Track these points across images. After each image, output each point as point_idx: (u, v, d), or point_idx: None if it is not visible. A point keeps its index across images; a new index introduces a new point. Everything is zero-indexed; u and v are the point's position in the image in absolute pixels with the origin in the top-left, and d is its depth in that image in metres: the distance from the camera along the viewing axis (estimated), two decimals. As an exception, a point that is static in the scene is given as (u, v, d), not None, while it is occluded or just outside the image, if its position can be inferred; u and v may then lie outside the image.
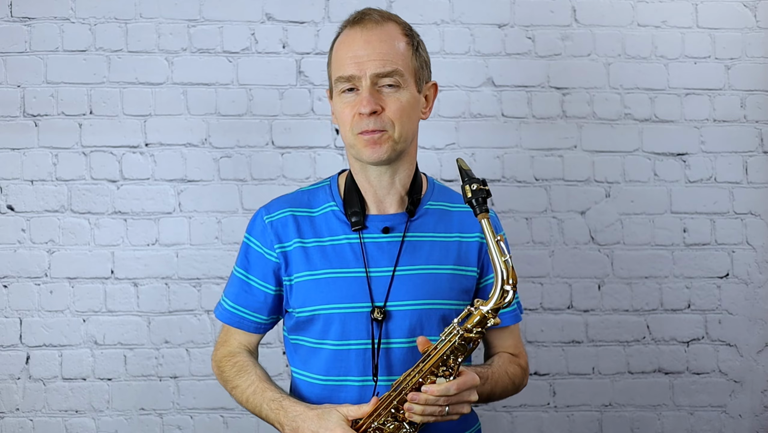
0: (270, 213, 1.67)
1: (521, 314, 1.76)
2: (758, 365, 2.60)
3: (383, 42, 1.56)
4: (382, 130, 1.54)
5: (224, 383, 1.70)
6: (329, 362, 1.59)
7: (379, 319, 1.55)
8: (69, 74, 2.48)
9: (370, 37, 1.56)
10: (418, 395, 1.42)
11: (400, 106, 1.56)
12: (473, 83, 2.55)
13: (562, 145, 2.57)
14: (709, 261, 2.59)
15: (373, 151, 1.55)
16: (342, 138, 1.64)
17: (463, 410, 1.46)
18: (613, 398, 2.56)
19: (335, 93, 1.60)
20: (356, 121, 1.55)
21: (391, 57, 1.55)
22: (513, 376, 1.66)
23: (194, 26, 2.51)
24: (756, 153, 2.60)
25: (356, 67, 1.54)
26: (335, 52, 1.61)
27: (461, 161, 1.54)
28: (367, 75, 1.54)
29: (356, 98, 1.56)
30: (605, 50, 2.58)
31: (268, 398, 1.58)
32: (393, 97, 1.56)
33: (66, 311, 2.47)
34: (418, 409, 1.42)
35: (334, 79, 1.59)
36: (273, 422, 1.57)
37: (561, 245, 2.56)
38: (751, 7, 2.61)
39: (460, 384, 1.43)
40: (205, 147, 2.50)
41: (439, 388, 1.41)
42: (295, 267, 1.62)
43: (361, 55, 1.55)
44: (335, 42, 1.64)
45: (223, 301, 1.71)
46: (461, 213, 1.67)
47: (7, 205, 2.47)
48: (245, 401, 1.64)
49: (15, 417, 2.45)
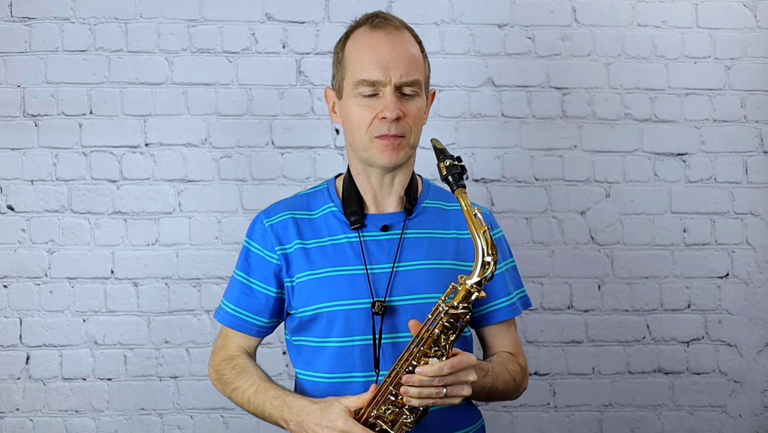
0: (270, 217, 1.68)
1: (522, 309, 1.75)
2: (758, 365, 2.60)
3: (407, 49, 1.58)
4: (402, 136, 1.57)
5: (223, 387, 1.70)
6: (334, 360, 1.59)
7: (380, 313, 1.55)
8: (69, 74, 2.48)
9: (395, 43, 1.57)
10: (412, 377, 1.41)
11: (418, 113, 1.59)
12: (473, 83, 2.55)
13: (562, 145, 2.57)
14: (709, 261, 2.59)
15: (391, 156, 1.58)
16: (349, 139, 1.63)
17: (463, 392, 1.44)
18: (613, 398, 2.56)
19: (350, 94, 1.59)
20: (376, 124, 1.56)
21: (415, 65, 1.58)
22: (513, 373, 1.66)
23: (194, 26, 2.51)
24: (756, 153, 2.60)
25: (382, 73, 1.54)
26: (355, 53, 1.59)
27: (435, 141, 1.57)
28: (392, 82, 1.54)
29: (377, 102, 1.56)
30: (605, 50, 2.58)
31: (271, 396, 1.58)
32: (412, 104, 1.58)
33: (66, 311, 2.47)
34: (414, 391, 1.41)
35: (353, 81, 1.57)
36: (277, 419, 1.57)
37: (561, 245, 2.56)
38: (751, 7, 2.61)
39: (454, 363, 1.42)
40: (205, 147, 2.50)
41: (432, 368, 1.40)
42: (296, 268, 1.63)
43: (387, 60, 1.54)
44: (348, 42, 1.62)
45: (224, 304, 1.71)
46: (457, 211, 1.68)
47: (7, 206, 2.47)
48: (246, 401, 1.63)
49: (15, 417, 2.45)
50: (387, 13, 1.65)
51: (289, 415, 1.53)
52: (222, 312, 1.71)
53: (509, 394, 1.67)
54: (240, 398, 1.65)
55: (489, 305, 1.68)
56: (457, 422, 1.61)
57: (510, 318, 1.71)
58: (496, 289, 1.68)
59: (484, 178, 2.55)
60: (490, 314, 1.69)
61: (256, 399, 1.61)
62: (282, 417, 1.55)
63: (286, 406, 1.54)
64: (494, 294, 1.68)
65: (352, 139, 1.62)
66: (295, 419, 1.52)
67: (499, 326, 1.71)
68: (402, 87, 1.56)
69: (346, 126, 1.63)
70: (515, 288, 1.73)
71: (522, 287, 1.76)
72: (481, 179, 2.55)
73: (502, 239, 1.74)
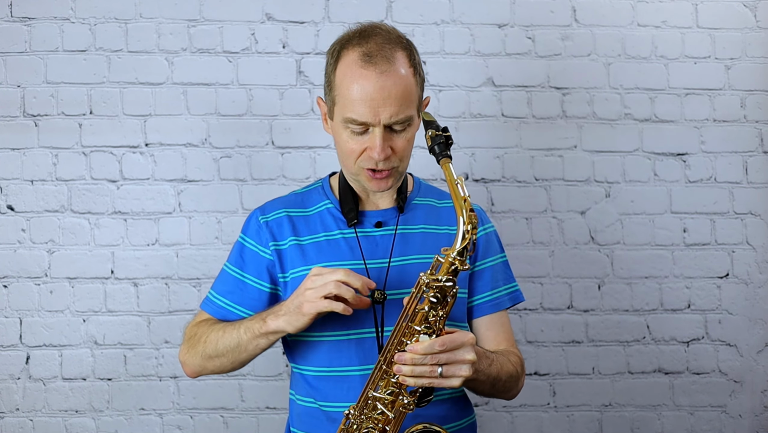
0: (265, 214, 1.69)
1: (510, 304, 1.73)
2: (758, 365, 2.60)
3: (397, 86, 1.51)
4: (389, 170, 1.57)
5: (194, 346, 1.64)
6: (331, 354, 1.60)
7: (380, 301, 1.55)
8: (69, 74, 2.48)
9: (386, 83, 1.50)
10: (404, 355, 1.38)
11: (408, 143, 1.58)
12: (473, 83, 2.55)
13: (562, 145, 2.57)
14: (709, 261, 2.59)
15: (380, 185, 1.59)
16: (340, 159, 1.63)
17: (462, 372, 1.39)
18: (613, 398, 2.56)
19: (339, 124, 1.57)
20: (365, 157, 1.55)
21: (405, 102, 1.53)
22: (515, 364, 1.65)
23: (194, 26, 2.51)
24: (756, 153, 2.60)
25: (370, 114, 1.50)
26: (345, 88, 1.53)
27: (426, 114, 1.57)
28: (381, 123, 1.51)
29: (366, 138, 1.54)
30: (605, 50, 2.58)
31: (246, 320, 1.57)
32: (402, 136, 1.56)
33: (66, 311, 2.47)
34: (406, 370, 1.38)
35: (343, 116, 1.54)
36: (255, 330, 1.53)
37: (561, 245, 2.56)
38: (751, 7, 2.61)
39: (445, 340, 1.38)
40: (205, 147, 2.50)
41: (423, 345, 1.37)
42: (290, 264, 1.64)
43: (376, 99, 1.50)
44: (339, 65, 1.56)
45: (212, 296, 1.70)
46: (449, 208, 1.69)
47: (7, 206, 2.47)
48: (221, 336, 1.58)
49: (15, 417, 2.45)
50: (381, 29, 1.58)
51: (272, 311, 1.52)
52: (208, 302, 1.70)
53: (510, 388, 1.66)
54: (214, 338, 1.60)
55: (472, 299, 1.69)
56: (448, 415, 1.61)
57: (494, 312, 1.70)
58: (481, 283, 1.69)
59: (484, 178, 2.55)
60: (473, 308, 1.70)
61: (232, 325, 1.58)
62: (262, 318, 1.52)
63: (266, 311, 1.54)
64: (478, 288, 1.69)
65: (342, 161, 1.63)
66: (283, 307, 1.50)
67: (484, 320, 1.70)
68: (392, 125, 1.53)
69: (337, 147, 1.62)
70: (504, 283, 1.73)
71: (513, 282, 1.75)
72: (481, 179, 2.55)
73: (492, 235, 1.74)
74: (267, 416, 2.46)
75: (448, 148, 1.48)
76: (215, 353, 1.60)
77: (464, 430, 1.67)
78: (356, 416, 1.47)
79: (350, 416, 1.48)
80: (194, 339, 1.65)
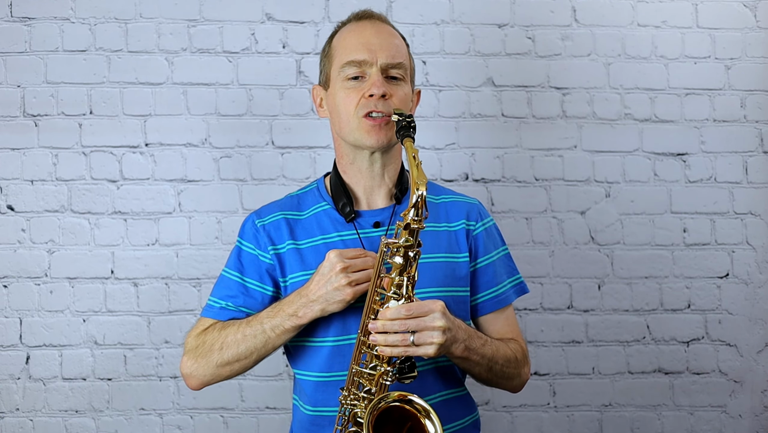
0: (262, 217, 1.69)
1: (516, 296, 1.73)
2: (758, 365, 2.60)
3: (392, 36, 1.66)
4: (388, 116, 1.59)
5: (209, 352, 1.59)
6: (331, 358, 1.60)
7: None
8: (69, 74, 2.48)
9: (381, 30, 1.65)
10: (376, 323, 1.42)
11: (404, 96, 1.63)
12: (473, 83, 2.55)
13: (562, 145, 2.57)
14: (709, 261, 2.59)
15: (378, 136, 1.59)
16: (336, 127, 1.66)
17: (433, 339, 1.41)
18: (613, 398, 2.56)
19: (336, 80, 1.63)
20: (363, 103, 1.59)
21: (399, 50, 1.64)
22: (514, 351, 1.65)
23: (194, 26, 2.51)
24: (756, 153, 2.61)
25: (368, 54, 1.60)
26: (342, 40, 1.65)
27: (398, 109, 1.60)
28: (378, 62, 1.60)
29: (363, 84, 1.60)
30: (605, 50, 2.58)
31: (264, 313, 1.56)
32: (398, 87, 1.63)
33: (66, 311, 2.47)
34: (380, 339, 1.41)
35: (341, 64, 1.62)
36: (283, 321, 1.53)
37: (561, 245, 2.56)
38: (751, 7, 2.61)
39: (412, 306, 1.41)
40: (205, 147, 2.50)
41: (391, 311, 1.41)
42: (289, 269, 1.63)
43: (374, 43, 1.61)
44: (335, 36, 1.69)
45: (214, 301, 1.67)
46: (446, 204, 1.71)
47: (7, 206, 2.47)
48: (242, 339, 1.56)
49: (15, 417, 2.45)
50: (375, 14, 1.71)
51: (290, 301, 1.53)
52: (212, 309, 1.67)
53: (511, 375, 1.65)
54: (233, 342, 1.56)
55: (476, 297, 1.70)
56: (452, 413, 1.61)
57: (497, 309, 1.71)
58: (484, 280, 1.69)
59: (484, 178, 2.55)
60: (477, 306, 1.70)
61: (251, 326, 1.56)
62: (289, 314, 1.52)
63: (283, 302, 1.54)
64: (481, 286, 1.69)
65: (339, 125, 1.64)
66: (299, 300, 1.51)
67: (489, 317, 1.71)
68: (388, 69, 1.61)
69: (334, 114, 1.66)
70: (508, 276, 1.73)
71: (516, 274, 1.76)
72: (481, 179, 2.55)
73: (492, 228, 1.75)
74: (267, 416, 2.46)
75: (409, 130, 1.50)
76: (235, 358, 1.57)
77: (467, 428, 1.67)
78: (346, 397, 1.49)
79: (343, 400, 1.50)
80: (203, 348, 1.60)
